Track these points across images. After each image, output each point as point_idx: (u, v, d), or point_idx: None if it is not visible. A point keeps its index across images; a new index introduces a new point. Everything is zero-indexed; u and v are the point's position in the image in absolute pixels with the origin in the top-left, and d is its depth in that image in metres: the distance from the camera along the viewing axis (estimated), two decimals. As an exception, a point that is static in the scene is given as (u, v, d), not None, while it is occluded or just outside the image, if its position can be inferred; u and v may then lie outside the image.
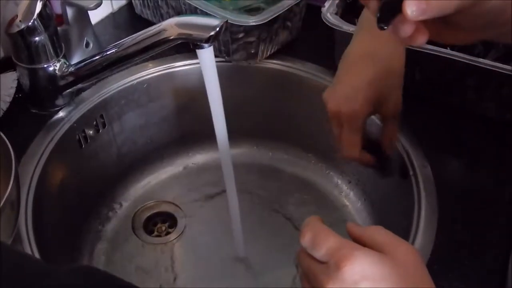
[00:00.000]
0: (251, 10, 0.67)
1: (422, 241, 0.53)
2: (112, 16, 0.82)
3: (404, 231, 0.56)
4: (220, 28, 0.49)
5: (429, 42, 0.57)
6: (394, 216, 0.64)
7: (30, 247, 0.53)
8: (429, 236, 0.54)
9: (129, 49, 0.57)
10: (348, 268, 0.35)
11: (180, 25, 0.52)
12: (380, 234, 0.38)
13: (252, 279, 0.69)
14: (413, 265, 0.37)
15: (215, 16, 0.63)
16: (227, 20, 0.52)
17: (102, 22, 0.80)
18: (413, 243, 0.53)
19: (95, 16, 0.78)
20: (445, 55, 0.60)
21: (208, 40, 0.49)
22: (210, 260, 0.70)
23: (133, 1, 0.80)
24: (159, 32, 0.53)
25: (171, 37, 0.52)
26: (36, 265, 0.30)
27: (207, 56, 0.51)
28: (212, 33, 0.49)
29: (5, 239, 0.48)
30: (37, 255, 0.53)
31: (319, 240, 0.37)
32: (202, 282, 0.68)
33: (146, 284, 0.67)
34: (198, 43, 0.50)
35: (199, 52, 0.51)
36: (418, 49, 0.60)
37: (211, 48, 0.51)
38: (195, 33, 0.50)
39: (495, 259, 0.52)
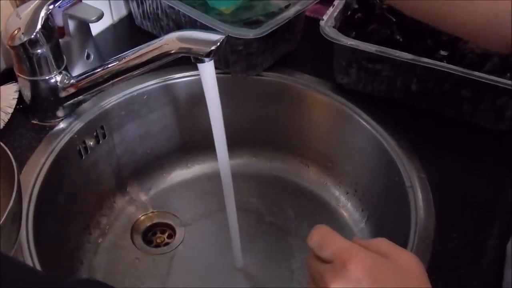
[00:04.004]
0: (250, 23, 0.68)
1: (420, 251, 0.54)
2: (113, 27, 0.83)
3: (401, 241, 0.57)
4: (221, 43, 0.50)
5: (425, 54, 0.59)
6: (392, 227, 0.65)
7: (31, 258, 0.53)
8: (427, 245, 0.54)
9: (130, 62, 0.58)
10: (354, 266, 0.36)
11: (181, 39, 0.52)
12: (385, 244, 0.40)
13: (250, 289, 0.69)
14: (415, 272, 0.39)
15: (216, 31, 0.64)
16: (227, 35, 0.53)
17: (102, 33, 0.81)
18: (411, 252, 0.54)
19: (95, 28, 0.78)
20: (441, 68, 0.61)
21: (209, 55, 0.50)
22: (208, 270, 0.71)
23: (133, 12, 0.81)
24: (160, 46, 0.54)
25: (172, 51, 0.53)
26: (41, 279, 0.31)
27: (207, 70, 0.52)
28: (213, 47, 0.50)
29: (8, 250, 0.49)
30: (38, 265, 0.53)
31: (327, 240, 0.39)
32: (200, 292, 0.68)
33: (145, 294, 0.68)
34: (199, 57, 0.51)
35: (200, 66, 0.51)
36: (415, 62, 0.62)
37: (212, 62, 0.51)
38: (196, 47, 0.51)
39: (492, 268, 0.53)
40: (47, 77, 0.62)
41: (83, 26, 0.70)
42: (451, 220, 0.57)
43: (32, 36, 0.58)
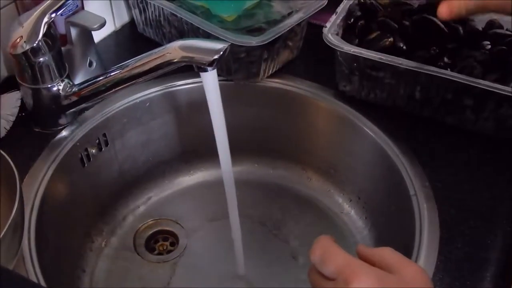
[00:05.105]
0: (252, 31, 0.68)
1: (424, 261, 0.53)
2: (115, 34, 0.83)
3: (405, 251, 0.56)
4: (224, 52, 0.50)
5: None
6: (395, 235, 0.65)
7: (33, 267, 0.53)
8: (432, 255, 0.54)
9: (133, 71, 0.57)
10: (356, 285, 0.35)
11: (184, 48, 0.52)
12: (389, 255, 0.39)
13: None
14: (421, 286, 0.37)
15: (218, 38, 0.64)
16: (230, 44, 0.53)
17: (104, 40, 0.81)
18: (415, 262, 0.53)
19: (98, 34, 0.78)
20: (445, 76, 0.61)
21: (212, 64, 0.50)
22: (210, 277, 0.71)
23: (135, 20, 0.81)
24: (162, 55, 0.54)
25: (175, 60, 0.53)
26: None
27: (210, 79, 0.52)
28: (216, 56, 0.50)
29: (10, 260, 0.48)
30: (39, 274, 0.53)
31: (329, 256, 0.38)
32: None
33: (147, 302, 0.67)
34: (202, 66, 0.51)
35: (203, 75, 0.51)
36: (418, 69, 0.61)
37: (215, 71, 0.51)
38: (198, 56, 0.51)
39: (496, 278, 0.53)
40: (49, 85, 0.62)
41: (86, 34, 0.70)
42: (454, 229, 0.57)
43: (34, 45, 0.58)
